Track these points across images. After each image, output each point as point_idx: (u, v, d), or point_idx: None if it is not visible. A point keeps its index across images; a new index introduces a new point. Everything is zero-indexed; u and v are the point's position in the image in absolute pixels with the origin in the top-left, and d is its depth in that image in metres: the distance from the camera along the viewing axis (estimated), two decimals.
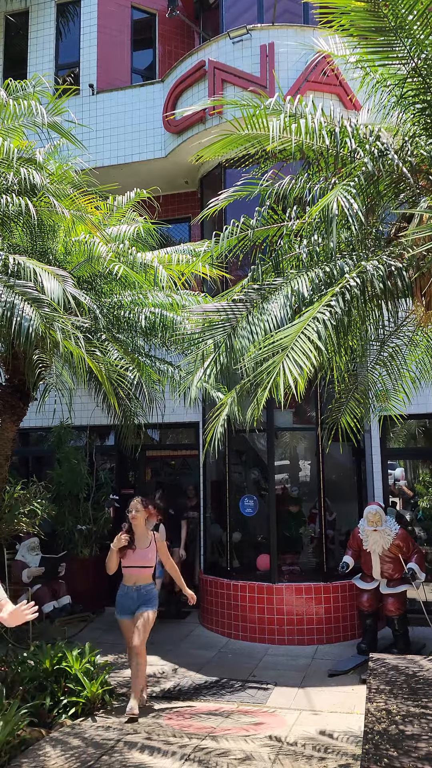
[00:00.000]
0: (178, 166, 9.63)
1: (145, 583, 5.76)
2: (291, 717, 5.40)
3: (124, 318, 6.41)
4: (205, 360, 4.66)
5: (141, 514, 5.85)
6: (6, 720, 4.51)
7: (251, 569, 8.23)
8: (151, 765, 4.38)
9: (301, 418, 8.74)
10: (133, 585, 5.73)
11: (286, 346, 3.74)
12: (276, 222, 4.92)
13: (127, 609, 5.69)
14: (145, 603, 5.68)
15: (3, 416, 6.79)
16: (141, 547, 5.82)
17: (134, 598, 5.69)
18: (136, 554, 5.79)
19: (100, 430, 10.25)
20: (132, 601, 5.69)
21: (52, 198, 4.98)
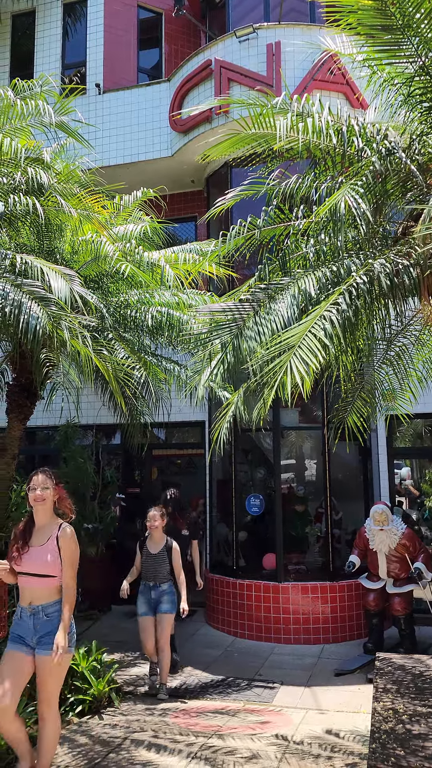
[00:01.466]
0: (184, 165, 9.64)
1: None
2: (297, 716, 5.40)
3: (131, 317, 6.43)
4: (212, 360, 4.66)
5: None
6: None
7: (257, 568, 8.23)
8: (158, 763, 4.39)
9: (307, 417, 8.73)
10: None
11: (293, 344, 3.74)
12: (283, 221, 4.92)
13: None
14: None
15: (10, 415, 6.81)
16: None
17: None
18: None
19: (106, 429, 10.28)
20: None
21: (59, 197, 5.00)
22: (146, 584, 6.19)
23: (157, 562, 6.19)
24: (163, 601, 6.09)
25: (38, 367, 5.69)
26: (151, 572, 6.18)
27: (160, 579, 6.16)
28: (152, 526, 6.27)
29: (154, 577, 6.15)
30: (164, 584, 6.15)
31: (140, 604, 6.17)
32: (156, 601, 6.10)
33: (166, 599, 6.11)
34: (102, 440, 10.35)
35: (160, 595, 6.11)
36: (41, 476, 4.12)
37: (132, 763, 4.39)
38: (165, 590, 6.14)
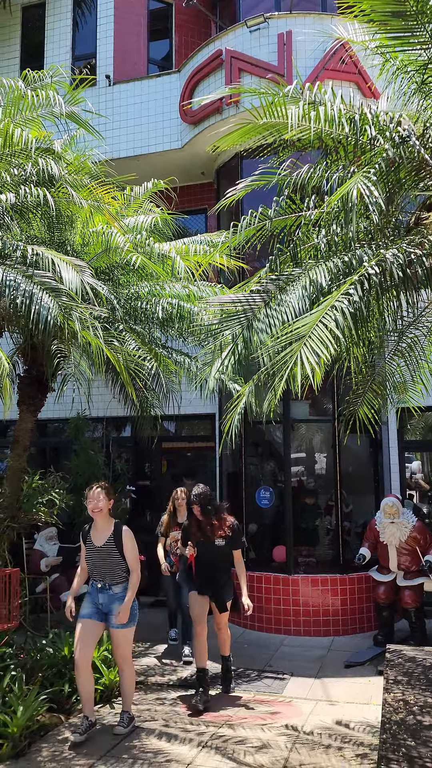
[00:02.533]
0: (194, 157, 9.60)
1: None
2: (307, 707, 5.41)
3: (141, 309, 6.43)
4: (222, 351, 4.66)
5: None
6: (26, 705, 4.57)
7: (267, 560, 8.24)
8: (168, 751, 4.42)
9: (318, 410, 8.71)
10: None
11: (303, 335, 3.72)
12: (294, 212, 4.89)
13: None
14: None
15: (21, 407, 6.85)
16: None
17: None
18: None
19: (116, 422, 10.30)
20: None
21: (70, 188, 5.00)
22: (94, 584, 4.99)
23: (103, 557, 4.90)
24: (113, 609, 4.82)
25: (49, 358, 5.71)
26: (97, 570, 4.94)
27: (111, 579, 4.89)
28: (94, 508, 4.90)
29: (101, 576, 4.92)
30: (117, 586, 4.88)
31: (85, 604, 4.99)
32: (106, 607, 4.86)
33: (118, 606, 4.82)
34: (112, 433, 10.38)
35: (110, 600, 4.85)
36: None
37: (143, 752, 4.42)
38: (117, 594, 4.86)
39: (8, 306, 4.72)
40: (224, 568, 5.81)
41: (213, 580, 5.72)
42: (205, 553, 5.75)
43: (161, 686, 5.93)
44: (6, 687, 4.83)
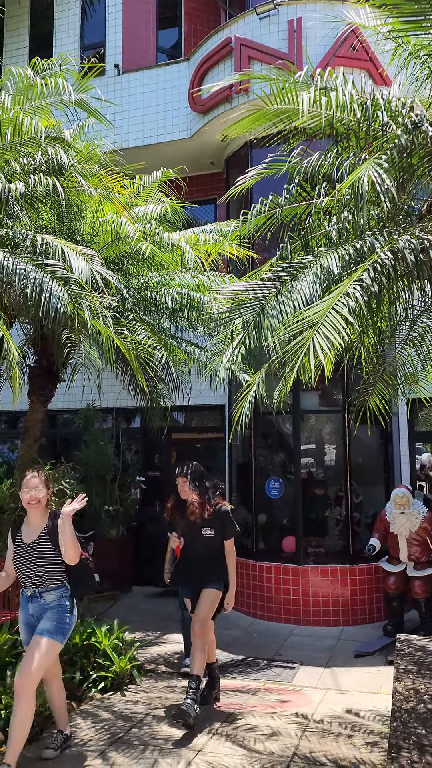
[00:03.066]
0: (203, 146, 9.55)
1: None
2: (317, 696, 5.42)
3: (151, 299, 6.41)
4: (233, 339, 4.64)
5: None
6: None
7: (277, 551, 8.24)
8: (179, 738, 4.44)
9: (328, 400, 8.68)
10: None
11: (315, 322, 3.70)
12: (305, 199, 4.85)
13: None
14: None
15: (32, 397, 6.87)
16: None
17: None
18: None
19: (126, 413, 10.32)
20: None
21: (80, 177, 4.98)
22: (24, 593, 4.20)
23: (33, 557, 4.07)
24: (44, 617, 4.02)
25: (60, 348, 5.71)
26: (27, 574, 4.10)
27: (42, 584, 4.06)
28: (31, 500, 4.13)
29: (33, 581, 4.10)
30: (49, 593, 4.06)
31: (20, 627, 4.23)
32: (37, 619, 4.09)
33: (49, 616, 4.00)
34: (122, 424, 10.40)
35: (41, 610, 4.07)
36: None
37: (154, 738, 4.45)
38: (50, 604, 4.05)
39: (18, 295, 4.72)
40: (213, 563, 5.06)
41: (199, 578, 5.04)
42: (191, 545, 5.10)
43: (171, 674, 5.95)
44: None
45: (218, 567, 5.07)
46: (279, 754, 4.22)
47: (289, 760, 4.13)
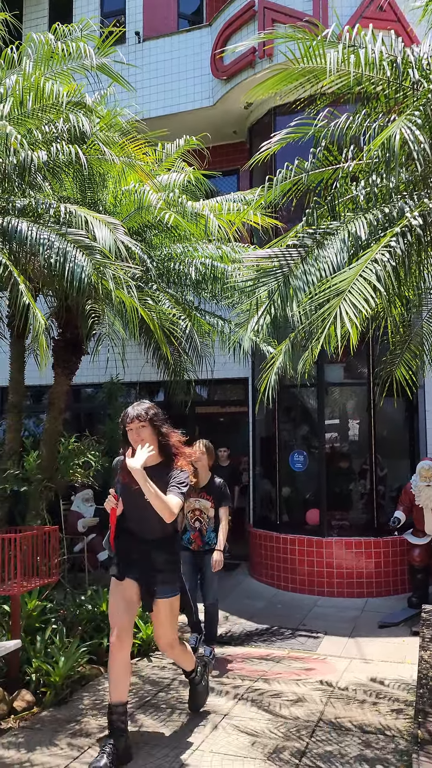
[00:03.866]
0: (226, 114, 9.38)
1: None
2: (341, 664, 5.45)
3: (174, 270, 6.36)
4: (258, 309, 4.58)
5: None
6: (67, 656, 4.70)
7: (300, 523, 8.26)
8: (206, 702, 4.51)
9: (353, 373, 8.59)
10: None
11: (342, 289, 3.63)
12: (331, 164, 4.74)
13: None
14: None
15: (56, 370, 6.91)
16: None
17: None
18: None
19: (149, 387, 10.35)
20: None
21: (102, 145, 4.92)
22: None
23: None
24: None
25: (84, 319, 5.71)
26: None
27: None
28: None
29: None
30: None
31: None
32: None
33: None
34: (145, 397, 10.43)
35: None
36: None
37: (181, 702, 4.52)
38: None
39: (43, 266, 4.71)
40: (162, 537, 3.77)
41: (144, 556, 3.75)
42: (133, 510, 3.68)
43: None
44: (48, 639, 4.97)
45: (172, 550, 3.92)
46: (304, 719, 4.26)
47: (315, 725, 4.17)
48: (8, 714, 4.30)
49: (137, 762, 3.65)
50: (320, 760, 3.71)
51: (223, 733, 4.04)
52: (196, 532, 5.49)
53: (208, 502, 5.48)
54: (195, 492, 5.41)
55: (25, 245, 4.50)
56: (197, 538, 5.49)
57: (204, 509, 5.49)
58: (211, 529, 5.48)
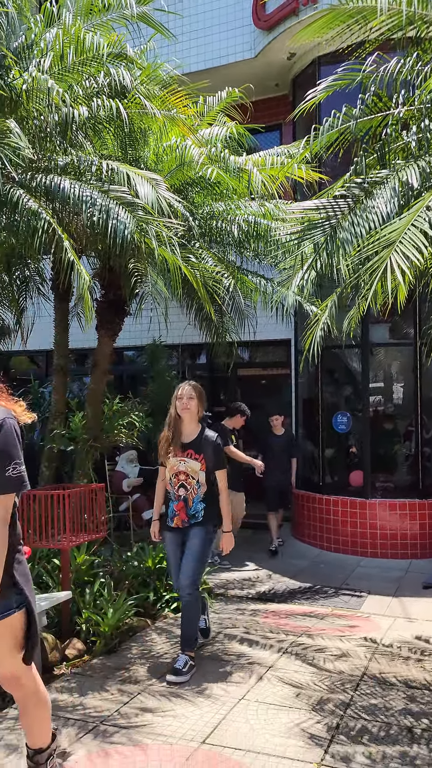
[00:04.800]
0: (268, 67, 9.08)
1: None
2: (385, 622, 5.46)
3: (217, 228, 6.27)
4: (303, 264, 4.48)
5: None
6: (115, 608, 4.84)
7: (344, 485, 8.22)
8: (250, 655, 4.60)
9: (398, 333, 8.39)
10: None
11: (393, 240, 3.51)
12: (380, 110, 4.54)
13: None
14: None
15: (100, 331, 6.96)
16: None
17: None
18: None
19: (191, 349, 10.36)
20: None
21: (143, 99, 4.82)
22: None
23: None
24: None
25: (126, 278, 5.70)
26: None
27: None
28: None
29: None
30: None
31: None
32: None
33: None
34: (187, 360, 10.46)
35: None
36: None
37: (226, 654, 4.62)
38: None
39: (86, 225, 4.69)
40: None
41: None
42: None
43: (240, 598, 6.13)
44: (96, 592, 5.12)
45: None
46: (348, 674, 4.30)
47: (359, 680, 4.20)
48: (60, 661, 4.48)
49: (185, 710, 3.75)
50: (365, 712, 3.74)
51: (267, 684, 4.12)
52: (180, 502, 4.35)
53: (197, 463, 4.33)
54: (180, 449, 4.31)
55: (68, 203, 4.49)
56: (181, 510, 4.33)
57: (191, 472, 4.33)
58: (199, 498, 4.34)
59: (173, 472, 4.37)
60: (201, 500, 4.34)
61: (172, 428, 4.30)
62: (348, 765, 3.16)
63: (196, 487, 4.33)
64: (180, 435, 4.34)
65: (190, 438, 4.36)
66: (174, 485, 4.38)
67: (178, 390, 4.32)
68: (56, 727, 3.13)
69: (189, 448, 4.33)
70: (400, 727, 3.57)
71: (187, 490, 4.34)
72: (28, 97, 4.48)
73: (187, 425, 4.35)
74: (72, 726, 3.55)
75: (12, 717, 3.66)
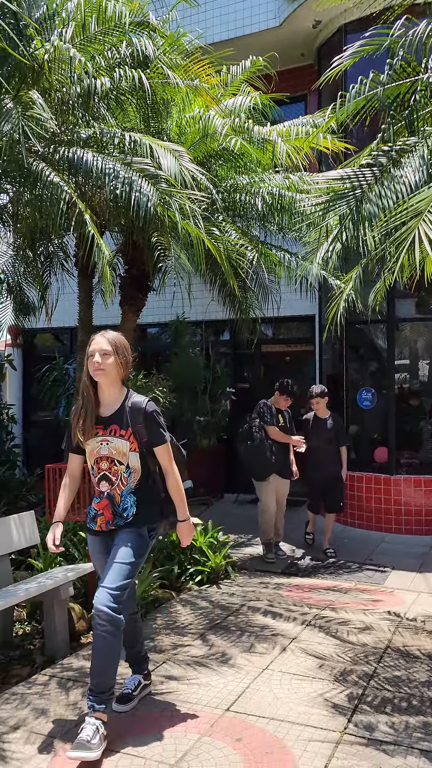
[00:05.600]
0: (293, 35, 8.87)
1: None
2: (409, 597, 5.46)
3: (240, 201, 6.19)
4: (328, 236, 4.41)
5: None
6: (141, 580, 4.91)
7: (368, 461, 8.18)
8: (274, 627, 4.64)
9: (425, 308, 8.25)
10: None
11: (421, 210, 3.43)
12: (409, 76, 4.40)
13: None
14: None
15: (124, 307, 6.97)
16: None
17: None
18: None
19: (215, 326, 10.33)
20: None
21: (165, 68, 4.75)
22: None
23: None
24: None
25: (150, 251, 5.67)
26: None
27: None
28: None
29: None
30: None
31: None
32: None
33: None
34: (211, 337, 10.44)
35: None
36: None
37: (250, 625, 4.66)
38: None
39: (108, 198, 4.67)
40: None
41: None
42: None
43: (264, 572, 6.18)
44: None
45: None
46: (372, 646, 4.32)
47: (383, 652, 4.22)
48: (87, 630, 4.57)
49: (210, 678, 3.81)
50: (388, 683, 3.76)
51: (291, 655, 4.15)
52: (103, 500, 3.22)
53: (125, 442, 3.17)
54: (101, 425, 3.19)
55: (90, 176, 4.47)
56: (106, 509, 3.21)
57: (118, 456, 3.19)
58: (129, 490, 3.20)
59: (93, 458, 3.23)
60: (132, 492, 3.20)
61: (85, 399, 3.17)
62: (371, 734, 3.19)
63: (125, 476, 3.18)
64: (97, 406, 3.20)
65: (112, 409, 3.19)
66: (95, 475, 3.25)
67: (89, 345, 3.16)
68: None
69: (111, 423, 3.17)
70: (423, 698, 3.58)
71: (111, 483, 3.20)
72: (50, 68, 4.44)
73: (105, 392, 3.20)
74: None
75: (40, 683, 3.76)
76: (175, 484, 3.28)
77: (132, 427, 3.17)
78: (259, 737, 3.15)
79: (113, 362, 3.13)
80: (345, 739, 3.13)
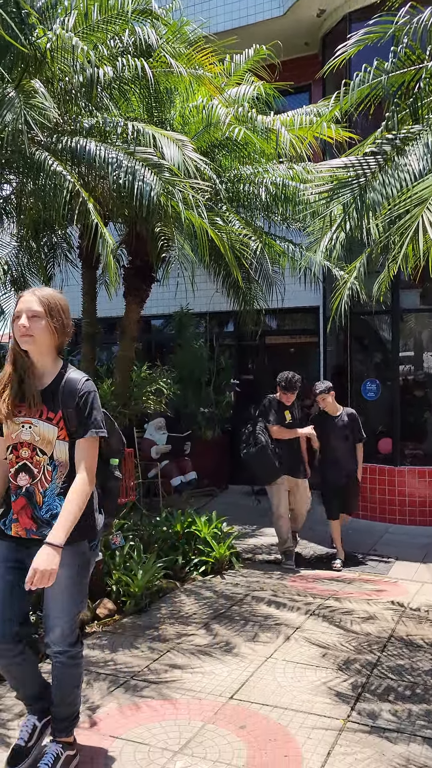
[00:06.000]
0: (297, 24, 8.80)
1: None
2: (413, 587, 5.47)
3: (244, 192, 6.16)
4: (331, 225, 4.39)
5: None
6: (145, 570, 4.93)
7: (373, 452, 8.16)
8: (278, 617, 4.66)
9: (429, 299, 8.22)
10: None
11: (426, 198, 3.41)
12: (414, 63, 4.36)
13: None
14: None
15: (128, 298, 6.96)
16: None
17: None
18: None
19: (219, 317, 10.31)
20: None
21: (168, 57, 4.72)
22: None
23: None
24: None
25: (153, 242, 5.66)
26: None
27: None
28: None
29: None
30: None
31: None
32: None
33: None
34: (215, 328, 10.42)
35: None
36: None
37: (254, 615, 4.68)
38: None
39: (112, 187, 4.66)
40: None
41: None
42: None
43: (268, 563, 6.19)
44: (126, 554, 5.22)
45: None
46: (376, 635, 4.33)
47: (386, 641, 4.23)
48: (92, 620, 4.59)
49: (213, 667, 3.83)
50: (391, 672, 3.77)
51: (295, 644, 4.17)
52: (20, 497, 2.58)
53: (53, 428, 2.56)
54: (29, 406, 2.56)
55: (93, 166, 4.45)
56: (22, 512, 2.58)
57: (42, 444, 2.57)
58: (56, 489, 2.57)
59: (12, 443, 2.58)
60: (61, 494, 2.55)
61: (11, 370, 2.56)
62: (374, 721, 3.20)
63: (48, 470, 2.56)
64: (30, 379, 2.56)
65: (41, 385, 2.59)
66: (11, 466, 2.59)
67: (16, 303, 2.57)
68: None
69: (40, 403, 2.57)
70: (426, 686, 3.59)
71: (33, 476, 2.56)
72: (53, 58, 4.42)
73: (37, 363, 2.58)
74: (103, 680, 3.65)
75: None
76: (78, 494, 2.45)
77: (63, 410, 2.53)
78: (262, 725, 3.17)
79: (44, 326, 2.49)
80: (348, 727, 3.15)
